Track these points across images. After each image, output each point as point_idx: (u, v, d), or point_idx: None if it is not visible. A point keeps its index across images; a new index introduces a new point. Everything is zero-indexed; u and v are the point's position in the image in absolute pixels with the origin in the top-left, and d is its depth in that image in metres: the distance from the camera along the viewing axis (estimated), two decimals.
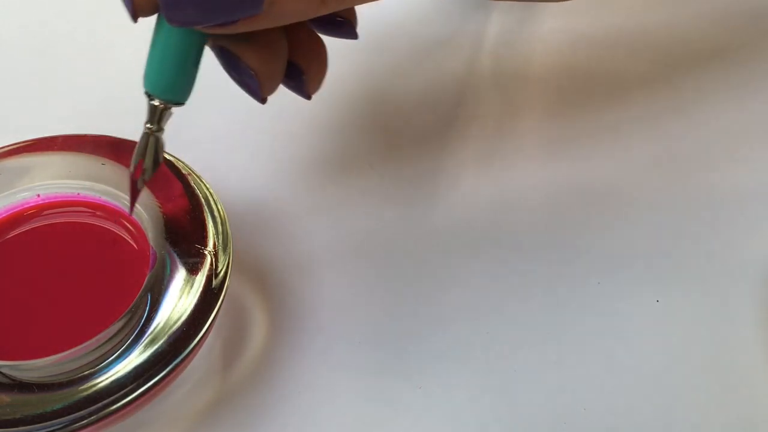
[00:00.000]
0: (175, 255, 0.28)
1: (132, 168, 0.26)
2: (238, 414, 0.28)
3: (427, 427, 0.28)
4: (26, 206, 0.30)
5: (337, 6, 0.24)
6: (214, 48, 0.26)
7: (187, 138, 0.36)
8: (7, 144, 0.31)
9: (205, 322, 0.26)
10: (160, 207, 0.29)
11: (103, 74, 0.39)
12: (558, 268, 0.32)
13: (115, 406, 0.25)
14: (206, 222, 0.29)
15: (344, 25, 0.26)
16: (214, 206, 0.29)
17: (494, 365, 0.29)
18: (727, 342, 0.29)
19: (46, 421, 0.24)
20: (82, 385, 0.25)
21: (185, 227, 0.28)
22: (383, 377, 0.29)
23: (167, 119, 0.26)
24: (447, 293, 0.31)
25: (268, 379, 0.29)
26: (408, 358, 0.30)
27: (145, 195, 0.29)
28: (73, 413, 0.24)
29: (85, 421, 0.24)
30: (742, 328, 0.30)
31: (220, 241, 0.28)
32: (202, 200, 0.29)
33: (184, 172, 0.30)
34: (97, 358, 0.26)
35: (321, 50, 0.27)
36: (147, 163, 0.26)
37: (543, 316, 0.30)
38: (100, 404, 0.25)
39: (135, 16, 0.24)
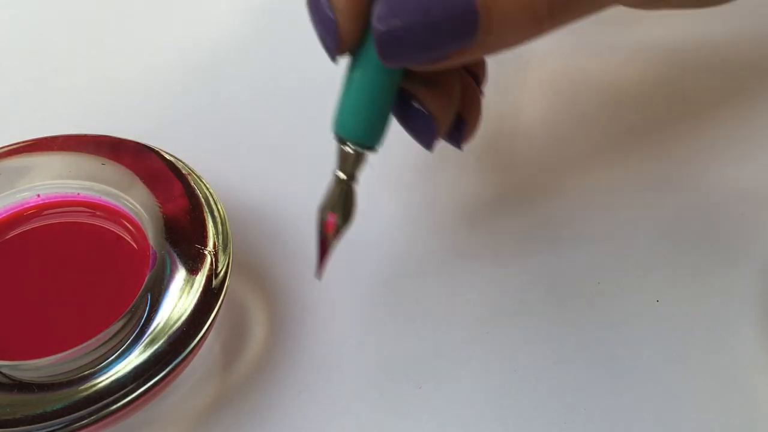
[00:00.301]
0: (175, 255, 0.28)
1: (320, 221, 0.24)
2: (238, 414, 0.28)
3: (427, 427, 0.28)
4: (26, 206, 0.30)
5: (565, 20, 0.23)
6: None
7: (187, 138, 0.36)
8: (7, 144, 0.31)
9: (205, 322, 0.26)
10: (160, 207, 0.29)
11: (103, 74, 0.39)
12: (558, 268, 0.32)
13: (115, 406, 0.25)
14: (206, 222, 0.29)
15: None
16: (214, 206, 0.29)
17: (494, 365, 0.29)
18: (727, 342, 0.29)
19: (46, 421, 0.24)
20: (82, 385, 0.25)
21: (185, 227, 0.29)
22: (383, 377, 0.29)
23: (361, 167, 0.24)
24: (447, 293, 0.31)
25: (268, 379, 0.29)
26: (408, 358, 0.30)
27: (144, 195, 0.29)
28: (73, 413, 0.24)
29: (85, 421, 0.24)
30: (742, 328, 0.30)
31: (220, 241, 0.28)
32: (202, 200, 0.29)
33: (184, 172, 0.30)
34: (97, 358, 0.26)
35: (479, 101, 0.27)
36: (338, 217, 0.24)
37: (543, 316, 0.30)
38: (100, 404, 0.25)
39: (339, 53, 0.23)
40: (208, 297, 0.27)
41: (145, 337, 0.26)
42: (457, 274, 0.32)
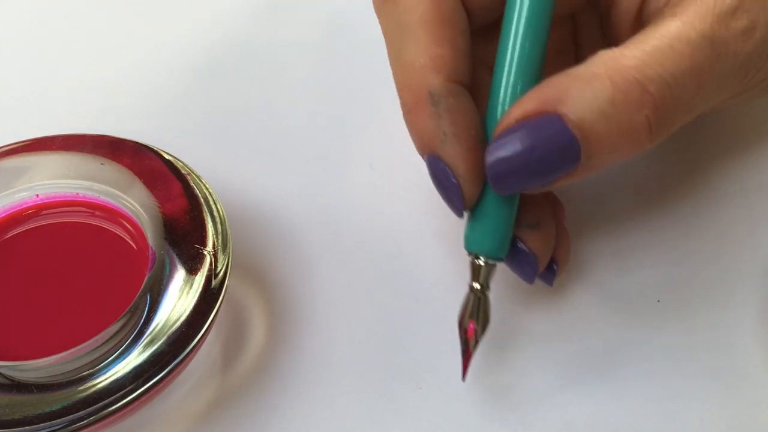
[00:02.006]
0: (174, 255, 0.28)
1: (463, 329, 0.27)
2: (238, 414, 0.28)
3: (427, 427, 0.28)
4: (25, 206, 0.30)
5: (665, 136, 0.25)
6: None
7: (187, 138, 0.36)
8: (6, 144, 0.31)
9: (205, 322, 0.26)
10: (159, 207, 0.29)
11: (103, 74, 0.39)
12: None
13: (114, 406, 0.25)
14: (206, 222, 0.29)
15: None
16: (213, 206, 0.29)
17: (494, 365, 0.29)
18: (727, 342, 0.29)
19: (46, 421, 0.24)
20: (82, 385, 0.25)
21: (185, 227, 0.28)
22: (383, 377, 0.29)
23: (492, 275, 0.27)
24: (447, 293, 0.31)
25: (268, 379, 0.29)
26: (408, 358, 0.30)
27: (144, 195, 0.29)
28: (73, 413, 0.24)
29: (84, 422, 0.24)
30: (742, 328, 0.30)
31: (220, 241, 0.28)
32: (202, 200, 0.29)
33: (183, 172, 0.30)
34: (96, 358, 0.26)
35: (568, 244, 0.30)
36: (478, 323, 0.27)
37: (543, 315, 0.30)
38: (99, 404, 0.25)
39: (464, 210, 0.26)
40: (208, 297, 0.27)
41: (144, 338, 0.26)
42: (457, 274, 0.31)
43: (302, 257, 0.32)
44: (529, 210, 0.27)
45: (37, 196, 0.30)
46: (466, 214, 0.27)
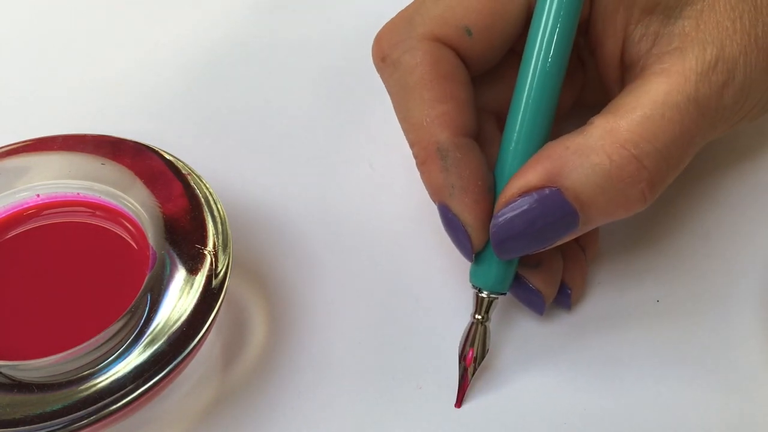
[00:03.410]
0: (174, 255, 0.28)
1: (461, 357, 0.28)
2: (238, 414, 0.28)
3: (427, 427, 0.28)
4: (26, 206, 0.30)
5: (657, 195, 0.27)
6: None
7: (187, 138, 0.36)
8: (6, 144, 0.31)
9: (205, 322, 0.26)
10: (160, 207, 0.29)
11: (103, 74, 0.39)
12: None
13: (115, 406, 0.25)
14: (206, 222, 0.29)
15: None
16: (214, 206, 0.29)
17: (494, 365, 0.29)
18: (727, 342, 0.29)
19: (46, 421, 0.24)
20: (82, 385, 0.25)
21: (185, 227, 0.28)
22: (383, 377, 0.29)
23: (494, 309, 0.28)
24: (447, 293, 0.31)
25: (268, 379, 0.29)
26: (408, 358, 0.30)
27: (144, 195, 0.29)
28: (73, 413, 0.24)
29: (85, 421, 0.24)
30: (742, 328, 0.30)
31: (220, 241, 0.28)
32: (202, 200, 0.29)
33: (184, 172, 0.30)
34: (97, 358, 0.26)
35: (583, 271, 0.31)
36: (477, 351, 0.28)
37: (541, 317, 0.30)
38: (100, 404, 0.25)
39: (473, 254, 0.28)
40: (208, 297, 0.27)
41: (144, 337, 0.26)
42: (457, 274, 0.31)
43: (302, 257, 0.32)
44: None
45: (38, 196, 0.30)
46: None
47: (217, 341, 0.30)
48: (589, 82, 0.32)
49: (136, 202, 0.29)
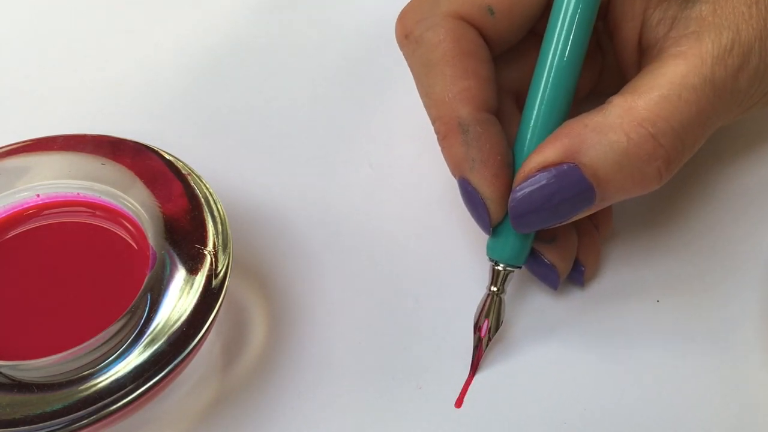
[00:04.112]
0: (175, 255, 0.28)
1: (476, 328, 0.29)
2: (238, 414, 0.28)
3: (427, 427, 0.28)
4: (26, 206, 0.30)
5: (672, 173, 0.27)
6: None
7: (187, 138, 0.36)
8: (7, 144, 0.31)
9: (205, 322, 0.26)
10: (160, 207, 0.29)
11: (103, 74, 0.39)
12: None
13: (115, 406, 0.25)
14: (206, 222, 0.29)
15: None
16: (214, 206, 0.29)
17: (494, 365, 0.29)
18: (727, 342, 0.29)
19: (46, 421, 0.24)
20: (82, 385, 0.25)
21: (185, 227, 0.28)
22: (383, 377, 0.29)
23: (509, 282, 0.29)
24: (448, 293, 0.31)
25: (268, 379, 0.29)
26: (408, 358, 0.30)
27: (144, 195, 0.29)
28: (73, 413, 0.24)
29: (85, 421, 0.24)
30: (742, 328, 0.30)
31: (220, 241, 0.28)
32: (202, 200, 0.29)
33: (184, 172, 0.30)
34: (97, 358, 0.26)
35: (597, 249, 0.31)
36: (492, 322, 0.29)
37: (542, 316, 0.30)
38: (100, 404, 0.25)
39: (491, 227, 0.28)
40: (208, 297, 0.27)
41: (144, 337, 0.26)
42: (457, 274, 0.32)
43: (302, 257, 0.32)
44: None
45: (38, 196, 0.30)
46: None
47: (217, 341, 0.30)
48: (606, 69, 0.32)
49: (136, 202, 0.29)
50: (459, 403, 0.28)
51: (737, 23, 0.27)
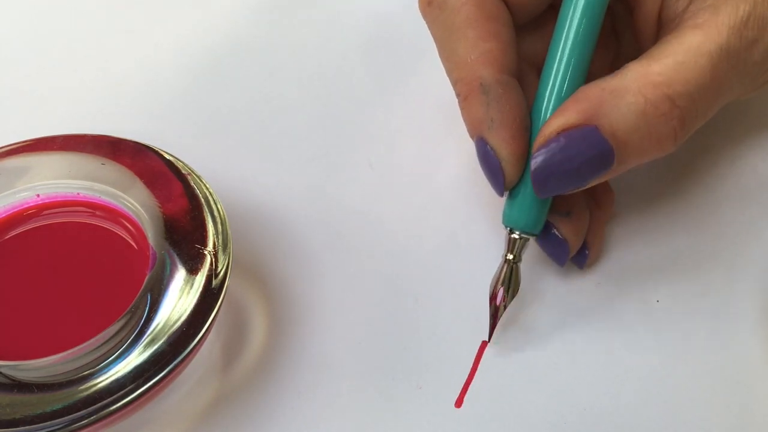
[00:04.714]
0: (175, 255, 0.28)
1: (492, 295, 0.29)
2: (238, 414, 0.28)
3: (427, 427, 0.28)
4: (26, 206, 0.30)
5: (686, 137, 0.27)
6: None
7: (187, 138, 0.36)
8: (6, 144, 0.31)
9: (205, 322, 0.26)
10: (159, 207, 0.29)
11: (103, 74, 0.39)
12: (558, 268, 0.32)
13: (115, 406, 0.25)
14: (206, 222, 0.29)
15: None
16: (214, 206, 0.29)
17: (494, 365, 0.29)
18: (727, 342, 0.29)
19: (46, 421, 0.24)
20: (82, 385, 0.25)
21: (185, 227, 0.28)
22: (383, 377, 0.29)
23: (525, 250, 0.29)
24: (447, 293, 0.31)
25: (268, 379, 0.29)
26: (408, 358, 0.30)
27: (144, 195, 0.29)
28: (73, 413, 0.24)
29: (85, 421, 0.24)
30: (742, 328, 0.30)
31: (220, 241, 0.28)
32: (202, 200, 0.29)
33: (184, 172, 0.30)
34: (97, 358, 0.26)
35: (602, 232, 0.32)
36: (508, 291, 0.29)
37: (542, 316, 0.30)
38: (100, 404, 0.25)
39: (504, 190, 0.29)
40: (208, 297, 0.27)
41: (144, 337, 0.26)
42: (457, 274, 0.32)
43: (302, 257, 0.32)
44: (563, 200, 0.29)
45: (38, 196, 0.30)
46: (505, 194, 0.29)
47: (217, 341, 0.30)
48: (622, 55, 0.33)
49: (136, 202, 0.29)
50: (459, 403, 0.28)
51: None
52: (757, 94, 0.31)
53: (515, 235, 0.29)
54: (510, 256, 0.29)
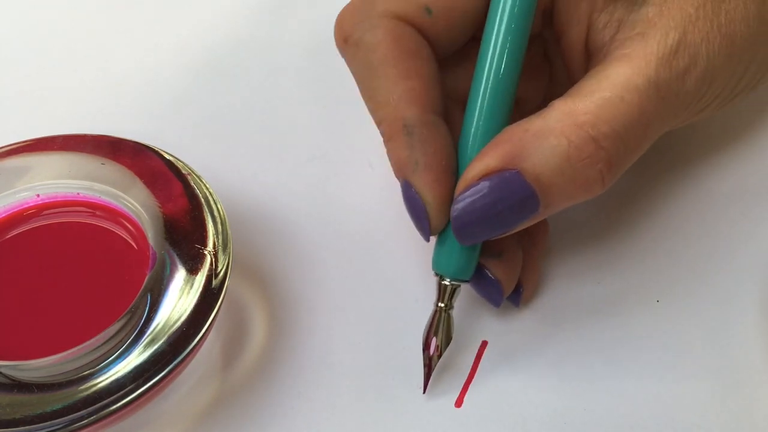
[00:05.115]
0: (175, 255, 0.28)
1: (425, 346, 0.28)
2: (238, 414, 0.28)
3: (427, 427, 0.28)
4: (26, 206, 0.30)
5: (616, 178, 0.26)
6: None
7: (187, 138, 0.36)
8: (6, 144, 0.31)
9: (205, 322, 0.26)
10: (160, 207, 0.29)
11: (103, 74, 0.39)
12: (557, 268, 0.32)
13: (115, 406, 0.25)
14: (206, 222, 0.29)
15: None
16: (214, 206, 0.29)
17: (494, 365, 0.29)
18: (727, 342, 0.29)
19: (46, 421, 0.24)
20: (82, 385, 0.25)
21: (185, 227, 0.28)
22: (383, 377, 0.29)
23: (456, 296, 0.28)
24: None
25: (268, 379, 0.29)
26: (408, 358, 0.30)
27: (144, 195, 0.29)
28: (73, 413, 0.24)
29: (85, 421, 0.24)
30: (742, 328, 0.30)
31: (220, 241, 0.28)
32: (202, 200, 0.29)
33: (184, 172, 0.30)
34: (97, 358, 0.26)
35: (536, 270, 0.31)
36: (440, 339, 0.28)
37: (543, 315, 0.30)
38: (100, 404, 0.25)
39: (430, 235, 0.27)
40: (208, 297, 0.27)
41: (144, 337, 0.26)
42: None
43: (302, 257, 0.32)
44: (494, 240, 0.28)
45: (38, 196, 0.30)
46: (433, 238, 0.28)
47: (217, 341, 0.30)
48: (556, 79, 0.32)
49: (136, 202, 0.29)
50: (459, 403, 0.28)
51: (684, 24, 0.26)
52: (697, 120, 0.30)
53: (446, 282, 0.28)
54: (441, 304, 0.28)
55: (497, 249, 0.28)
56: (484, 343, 0.29)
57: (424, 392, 0.28)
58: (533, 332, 0.30)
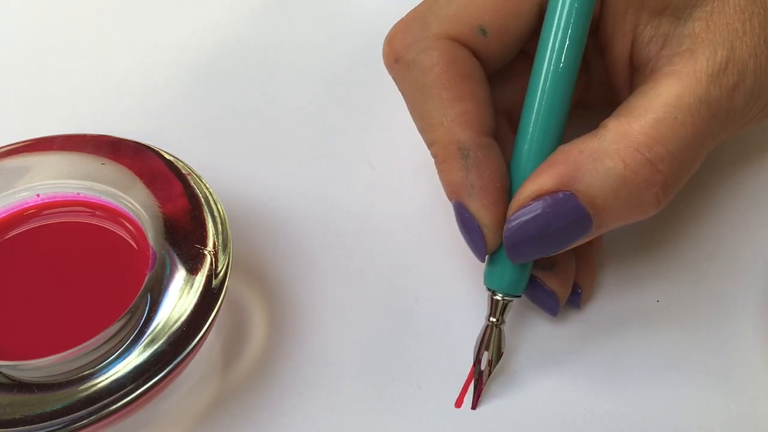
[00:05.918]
0: (175, 255, 0.28)
1: (476, 360, 0.28)
2: (238, 414, 0.28)
3: (427, 427, 0.28)
4: (26, 206, 0.30)
5: (670, 199, 0.26)
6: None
7: (187, 138, 0.36)
8: (6, 144, 0.31)
9: (205, 322, 0.26)
10: (159, 207, 0.29)
11: (103, 74, 0.39)
12: None
13: (115, 406, 0.25)
14: (206, 222, 0.29)
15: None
16: (214, 206, 0.29)
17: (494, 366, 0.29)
18: (727, 342, 0.29)
19: (46, 421, 0.24)
20: (82, 385, 0.25)
21: (185, 227, 0.28)
22: (383, 377, 0.29)
23: (508, 312, 0.28)
24: (448, 293, 0.31)
25: (268, 379, 0.29)
26: (408, 358, 0.30)
27: (144, 195, 0.29)
28: (73, 413, 0.24)
29: (85, 421, 0.24)
30: (742, 328, 0.30)
31: (220, 241, 0.28)
32: (202, 200, 0.29)
33: (184, 172, 0.30)
34: (97, 358, 0.26)
35: (593, 272, 0.31)
36: (492, 354, 0.28)
37: (543, 315, 0.30)
38: (100, 404, 0.25)
39: (486, 255, 0.28)
40: (208, 297, 0.27)
41: (144, 337, 0.26)
42: (457, 273, 0.32)
43: (302, 257, 0.32)
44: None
45: (38, 196, 0.30)
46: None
47: (217, 341, 0.30)
48: (591, 83, 0.32)
49: (136, 202, 0.29)
50: (459, 403, 0.28)
51: (731, 40, 0.26)
52: (740, 133, 0.30)
53: (498, 297, 0.28)
54: (493, 319, 0.28)
55: (550, 261, 0.28)
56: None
57: (473, 408, 0.28)
58: (532, 332, 0.30)
